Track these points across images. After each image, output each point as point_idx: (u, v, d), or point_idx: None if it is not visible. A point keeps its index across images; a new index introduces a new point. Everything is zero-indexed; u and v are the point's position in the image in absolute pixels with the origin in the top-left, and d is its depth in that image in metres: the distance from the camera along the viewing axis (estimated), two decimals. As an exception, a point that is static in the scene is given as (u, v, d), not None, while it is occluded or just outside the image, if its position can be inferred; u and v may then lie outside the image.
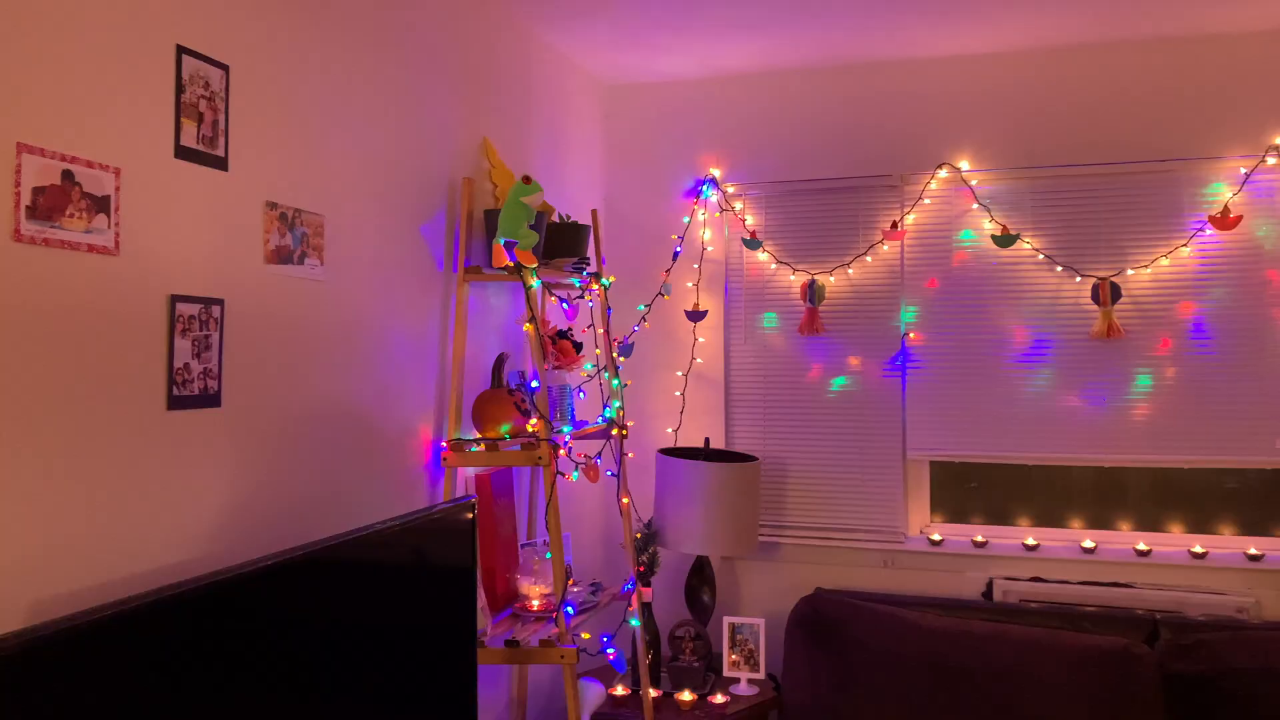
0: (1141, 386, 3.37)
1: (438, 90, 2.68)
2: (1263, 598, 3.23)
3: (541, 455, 2.51)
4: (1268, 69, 3.28)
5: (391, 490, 2.44)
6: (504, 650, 2.43)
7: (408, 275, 2.53)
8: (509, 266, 2.58)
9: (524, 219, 2.59)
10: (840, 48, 3.48)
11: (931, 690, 2.99)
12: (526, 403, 2.61)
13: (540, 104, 3.34)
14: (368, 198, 2.36)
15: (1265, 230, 3.28)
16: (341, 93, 2.25)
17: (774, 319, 3.75)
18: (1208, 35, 3.32)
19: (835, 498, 3.65)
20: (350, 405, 2.28)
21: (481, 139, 2.92)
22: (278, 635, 1.62)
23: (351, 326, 2.29)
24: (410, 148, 2.55)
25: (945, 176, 3.57)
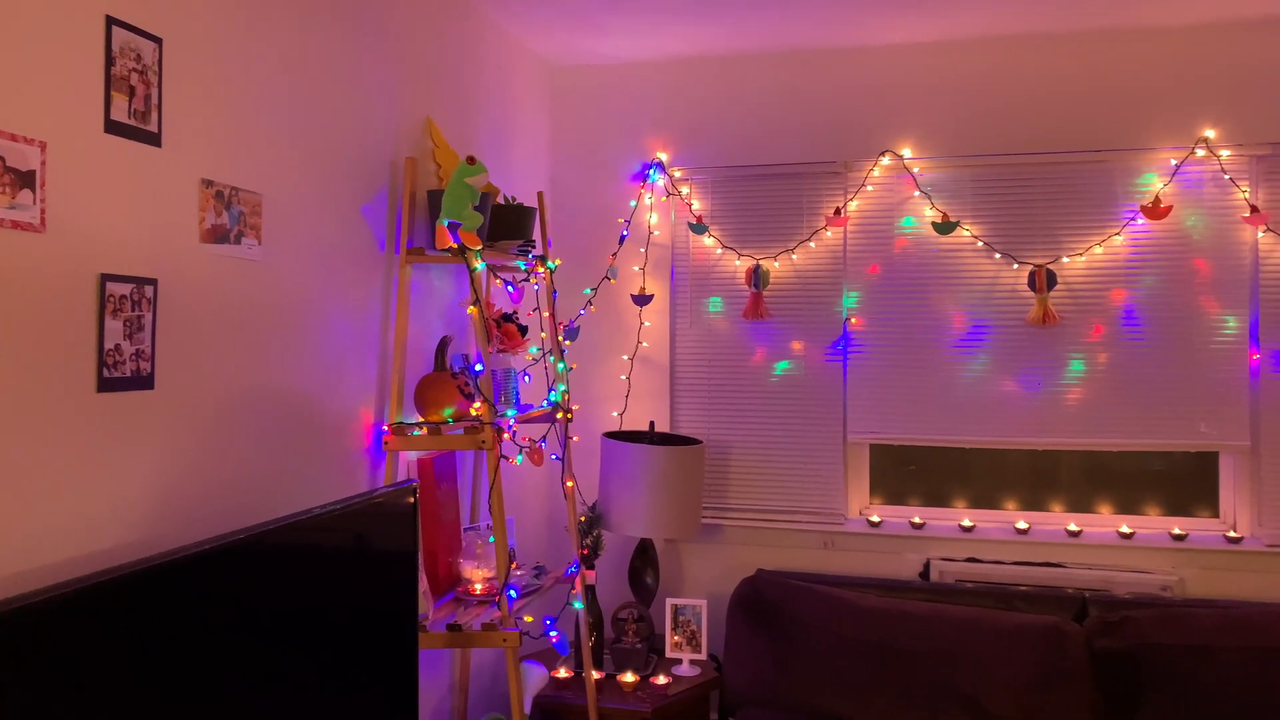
0: (1075, 372, 3.46)
1: (380, 68, 2.64)
2: (1186, 576, 3.35)
3: (485, 439, 2.50)
4: (1197, 63, 3.37)
5: (332, 474, 2.41)
6: (446, 634, 2.42)
7: (349, 256, 2.50)
8: (453, 248, 2.55)
9: (468, 200, 2.56)
10: (787, 34, 3.50)
11: (869, 669, 3.05)
12: (470, 386, 2.60)
13: (486, 84, 3.30)
14: (307, 176, 2.32)
15: (1194, 220, 3.38)
16: (280, 68, 2.21)
17: (719, 303, 3.77)
18: (1141, 29, 3.40)
19: (777, 480, 3.69)
20: (289, 388, 2.24)
21: (425, 118, 2.88)
22: (214, 621, 1.60)
23: (290, 308, 2.25)
24: (352, 126, 2.50)
25: (888, 164, 3.61)
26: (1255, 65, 3.33)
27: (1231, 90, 3.35)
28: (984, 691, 2.95)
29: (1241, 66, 3.34)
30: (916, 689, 3.00)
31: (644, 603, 3.47)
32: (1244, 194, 3.33)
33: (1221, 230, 3.36)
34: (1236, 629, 2.93)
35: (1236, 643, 2.90)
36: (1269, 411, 3.31)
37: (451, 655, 3.03)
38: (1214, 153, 3.34)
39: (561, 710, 3.06)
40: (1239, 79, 3.34)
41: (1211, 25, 3.35)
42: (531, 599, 2.71)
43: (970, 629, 3.03)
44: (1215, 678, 2.86)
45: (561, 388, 3.07)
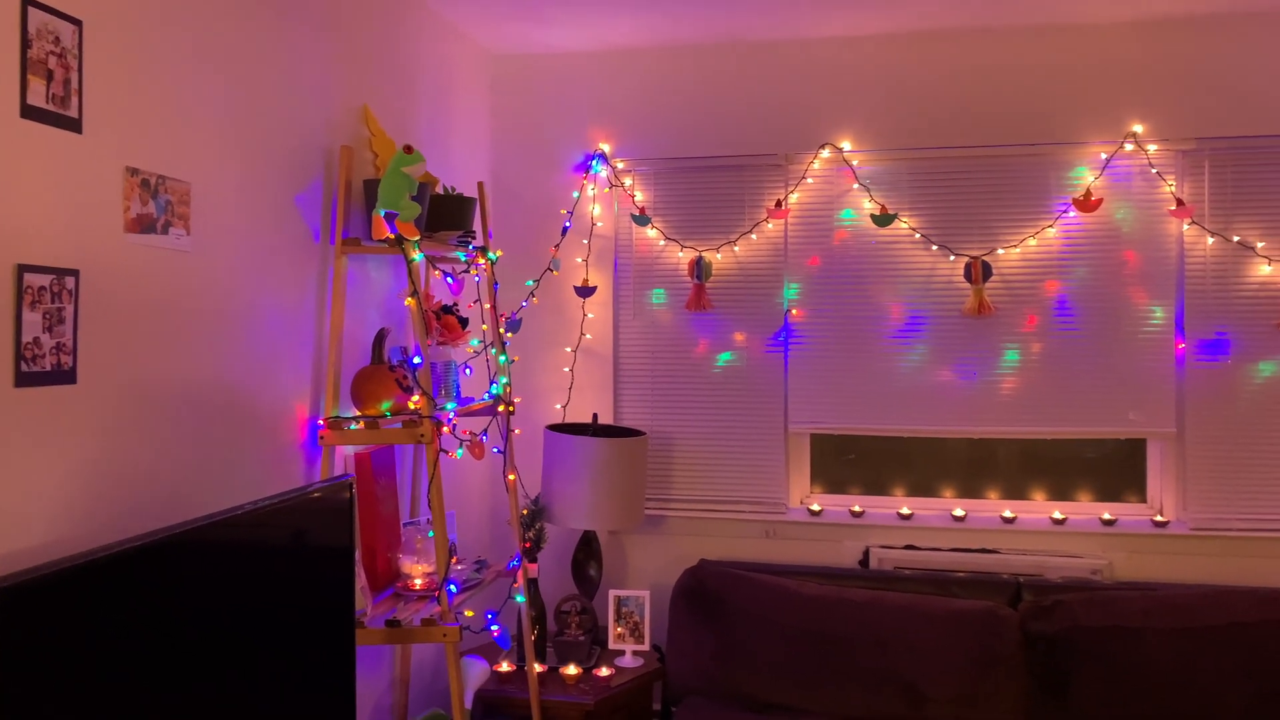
0: (1009, 361, 3.53)
1: (314, 55, 2.58)
2: (1115, 560, 3.44)
3: (424, 433, 2.47)
4: (1126, 60, 3.45)
5: (266, 470, 2.36)
6: (384, 630, 2.39)
7: (282, 246, 2.44)
8: (389, 239, 2.51)
9: (405, 190, 2.52)
10: (728, 25, 3.50)
11: (810, 656, 3.09)
12: (409, 379, 2.56)
13: (424, 72, 3.26)
14: (238, 165, 2.26)
15: (1123, 213, 3.47)
16: (209, 54, 2.15)
17: (662, 295, 3.77)
18: (1074, 25, 3.47)
19: (720, 471, 3.71)
20: (220, 382, 2.19)
21: (361, 106, 2.83)
22: (140, 621, 1.55)
23: (221, 300, 2.20)
24: (285, 114, 2.45)
25: (828, 156, 3.64)
26: (1181, 62, 3.42)
27: (1158, 86, 3.44)
28: (921, 676, 3.00)
29: (1168, 63, 3.43)
30: (856, 675, 3.04)
31: (587, 595, 3.47)
32: (1170, 188, 3.42)
33: (1149, 223, 3.45)
34: (1163, 611, 3.02)
35: (1163, 624, 2.99)
36: (1193, 399, 3.41)
37: (392, 651, 2.99)
38: (1142, 147, 3.43)
39: (504, 704, 3.04)
40: (1165, 75, 3.43)
41: (1140, 22, 3.43)
42: (473, 593, 2.69)
43: (908, 615, 3.08)
44: (1143, 658, 2.95)
45: (503, 380, 3.05)
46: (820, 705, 3.05)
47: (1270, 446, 3.36)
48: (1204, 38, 3.40)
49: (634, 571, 3.74)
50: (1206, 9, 3.32)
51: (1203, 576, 3.35)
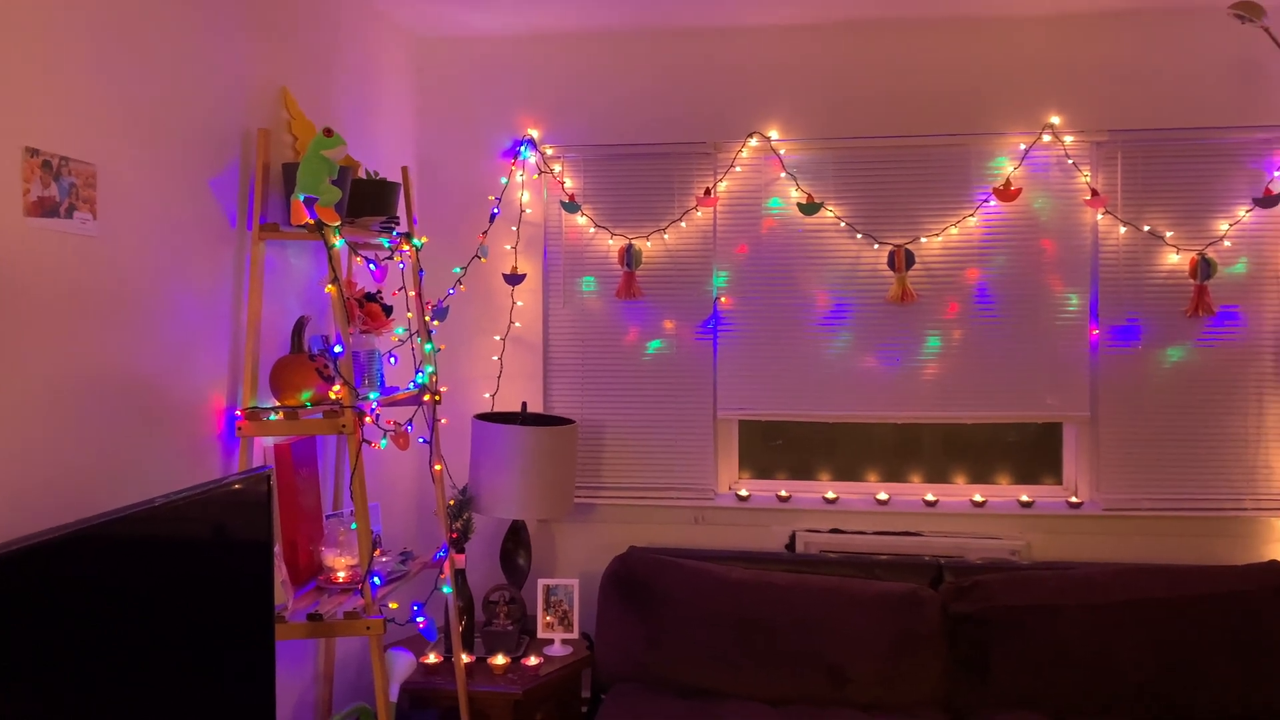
0: (931, 348, 3.60)
1: (230, 34, 2.50)
2: (1033, 540, 3.54)
3: (345, 423, 2.42)
4: (1045, 53, 3.54)
5: (181, 463, 2.30)
6: (306, 625, 2.35)
7: (195, 232, 2.37)
8: (309, 224, 2.45)
9: (325, 174, 2.46)
10: (657, 11, 3.49)
11: (736, 640, 3.12)
12: (330, 368, 2.51)
13: (346, 55, 3.18)
14: (149, 147, 2.18)
15: (1041, 202, 3.55)
16: (116, 31, 2.06)
17: (592, 283, 3.76)
18: (995, 18, 3.54)
19: (650, 458, 3.72)
20: (131, 372, 2.12)
21: (280, 88, 2.76)
22: (47, 619, 1.50)
23: (131, 287, 2.12)
24: (198, 95, 2.37)
25: (755, 145, 3.66)
26: (1095, 56, 3.51)
27: (1074, 79, 3.53)
28: (845, 658, 3.06)
29: (1083, 57, 3.52)
30: (781, 658, 3.08)
31: (516, 584, 3.45)
32: (1085, 178, 3.51)
33: (1065, 212, 3.55)
34: (1077, 588, 3.12)
35: (1077, 601, 3.09)
36: (1106, 384, 3.52)
37: (315, 646, 2.94)
38: (1059, 138, 3.52)
39: (431, 696, 3.02)
40: (1081, 69, 3.52)
41: (1057, 17, 3.51)
42: (397, 585, 2.66)
43: (832, 598, 3.13)
44: (1059, 634, 3.04)
45: (429, 369, 3.01)
46: (746, 688, 3.09)
47: (1177, 429, 3.49)
48: (1117, 33, 3.50)
49: (563, 560, 3.74)
50: (1120, 5, 3.42)
51: (1114, 555, 3.47)
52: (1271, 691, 2.97)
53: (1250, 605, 3.05)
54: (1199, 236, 3.48)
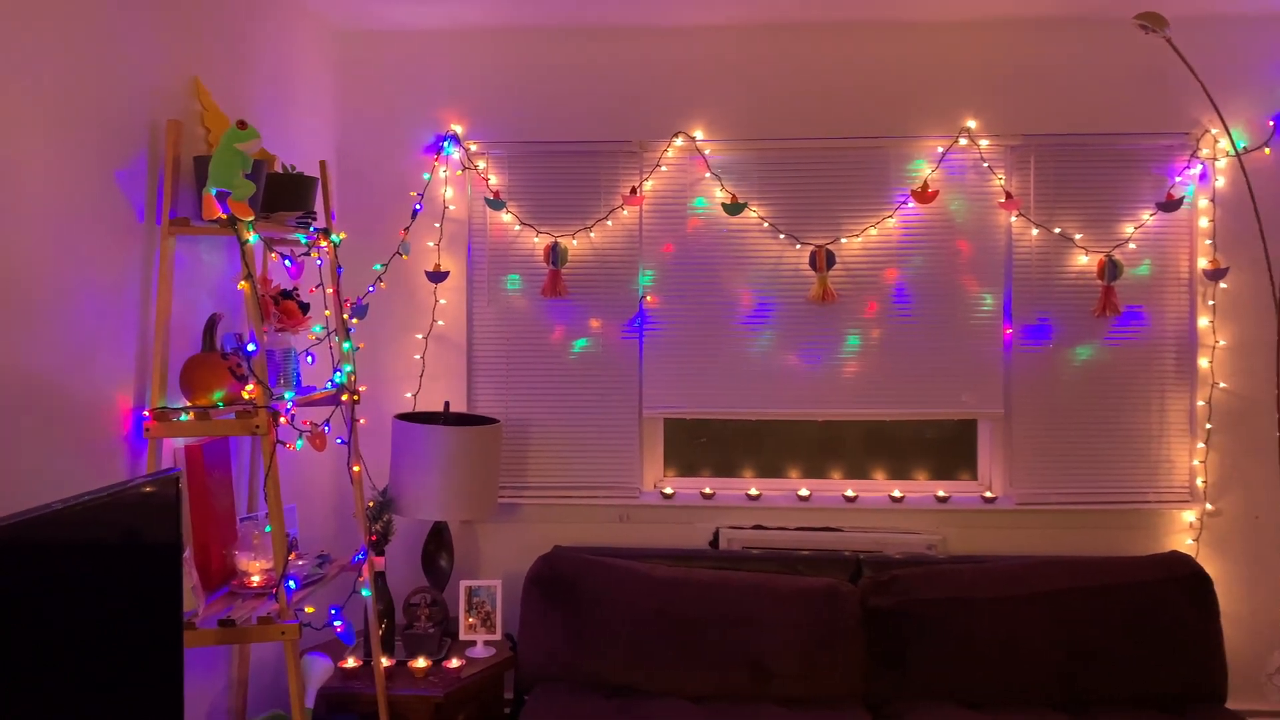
0: (851, 346, 3.66)
1: (137, 20, 2.42)
2: (948, 535, 3.63)
3: (259, 424, 2.36)
4: (962, 58, 3.62)
5: (83, 465, 2.21)
6: (217, 631, 2.28)
7: (100, 226, 2.28)
8: (221, 219, 2.39)
9: (238, 167, 2.40)
10: (584, 8, 3.48)
11: (659, 637, 3.13)
12: (243, 367, 2.44)
13: (263, 46, 3.10)
14: (47, 137, 2.09)
15: (957, 205, 3.64)
16: (10, 11, 1.97)
17: (517, 281, 3.73)
18: (914, 23, 3.61)
19: (575, 457, 3.71)
20: (26, 372, 2.03)
21: (192, 79, 2.67)
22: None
23: (26, 282, 2.03)
24: (103, 83, 2.28)
25: (681, 145, 3.67)
26: (1010, 62, 3.61)
27: (990, 84, 3.62)
28: (767, 652, 3.09)
29: (999, 63, 3.61)
30: (704, 654, 3.11)
31: (438, 586, 3.41)
32: (1000, 181, 3.61)
33: (980, 214, 3.64)
34: (991, 581, 3.21)
35: (991, 593, 3.17)
36: (1019, 382, 3.63)
37: (229, 652, 2.86)
38: (975, 142, 3.60)
39: (349, 700, 2.96)
40: (997, 74, 3.61)
41: (974, 23, 3.60)
42: (314, 589, 2.60)
43: (754, 594, 3.16)
44: (974, 626, 3.12)
45: (347, 368, 2.95)
46: (670, 685, 3.10)
47: (1086, 426, 3.61)
48: (1032, 39, 3.60)
49: (487, 561, 3.71)
50: (1034, 12, 3.51)
51: (1026, 548, 3.58)
52: (1171, 674, 3.10)
53: (1152, 594, 3.17)
54: (1106, 239, 3.60)
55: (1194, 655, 3.12)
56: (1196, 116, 3.55)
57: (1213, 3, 3.42)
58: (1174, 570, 3.23)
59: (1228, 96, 3.48)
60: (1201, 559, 3.49)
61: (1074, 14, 3.53)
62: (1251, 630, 3.52)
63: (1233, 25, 3.53)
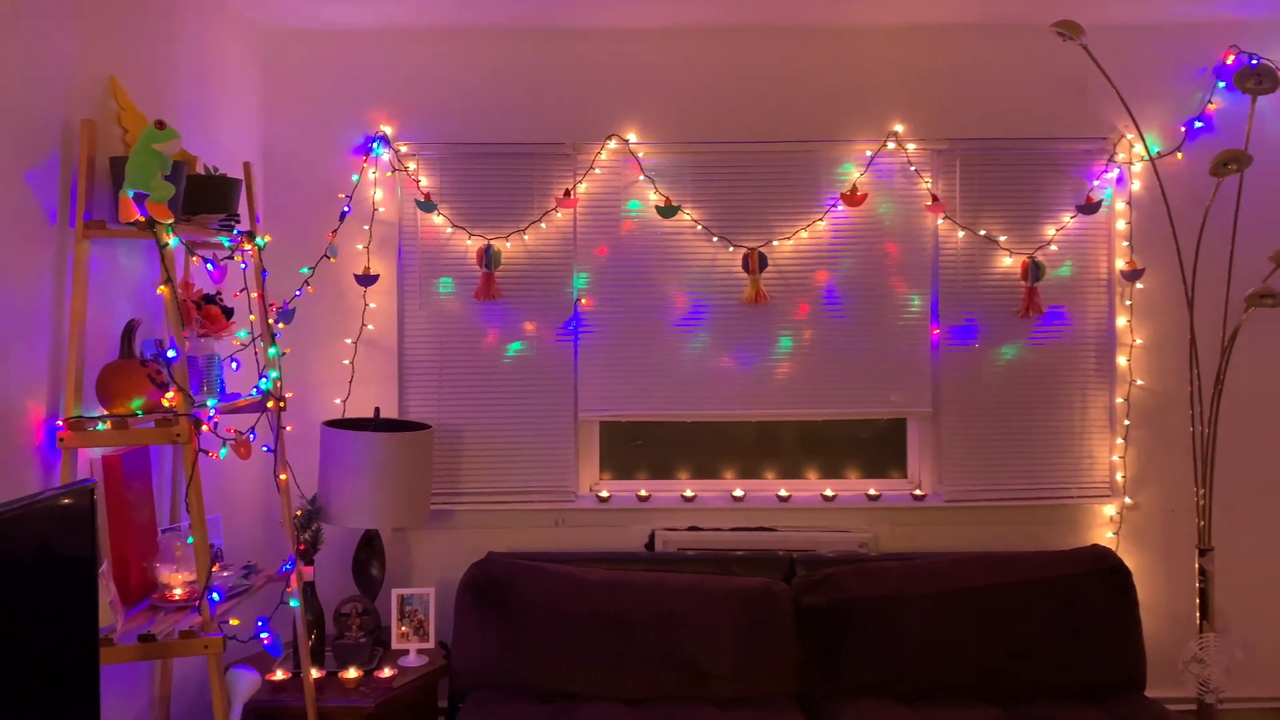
0: (783, 348, 3.70)
1: (49, 15, 2.33)
2: (880, 533, 3.69)
3: (180, 432, 2.30)
4: (889, 62, 3.68)
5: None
6: (136, 647, 2.21)
7: (8, 228, 2.20)
8: (139, 222, 2.32)
9: (157, 168, 2.33)
10: (515, 10, 3.46)
11: (594, 641, 3.12)
12: (163, 374, 2.37)
13: (185, 43, 3.02)
14: (-53, 137, 2.01)
15: (885, 208, 3.70)
16: (-96, 10, 1.89)
17: (450, 284, 3.69)
18: (843, 28, 3.66)
19: (509, 462, 3.69)
20: (-72, 381, 1.95)
21: (108, 77, 2.59)
22: None
23: (-73, 289, 1.95)
24: (12, 81, 2.20)
25: (614, 148, 3.67)
26: (936, 67, 3.68)
27: (917, 89, 3.69)
28: (702, 654, 3.10)
29: (925, 68, 3.68)
30: (639, 657, 3.11)
31: (369, 595, 3.36)
32: (927, 184, 3.68)
33: (908, 217, 3.70)
34: (921, 578, 3.27)
35: (921, 590, 3.23)
36: (947, 381, 3.70)
37: (151, 669, 2.77)
38: (902, 146, 3.67)
39: (277, 713, 2.90)
40: (923, 79, 3.68)
41: (901, 28, 3.66)
42: (240, 600, 2.54)
43: (689, 595, 3.18)
44: (904, 622, 3.18)
45: (274, 374, 2.89)
46: (606, 689, 3.10)
47: (1011, 424, 3.70)
48: (958, 45, 3.68)
49: (420, 569, 3.66)
50: (959, 19, 3.59)
51: (955, 544, 3.65)
52: (1093, 665, 3.19)
53: (1076, 587, 3.26)
54: (1029, 241, 3.69)
55: (1115, 646, 3.22)
56: (1113, 122, 3.66)
57: (1128, 12, 3.53)
58: (1095, 563, 3.33)
59: (1142, 103, 3.60)
60: (1121, 552, 3.60)
61: (998, 21, 3.61)
62: (1168, 620, 3.64)
63: (1147, 34, 3.65)
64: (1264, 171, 3.58)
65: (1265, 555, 3.70)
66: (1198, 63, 3.67)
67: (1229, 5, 3.49)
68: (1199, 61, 3.67)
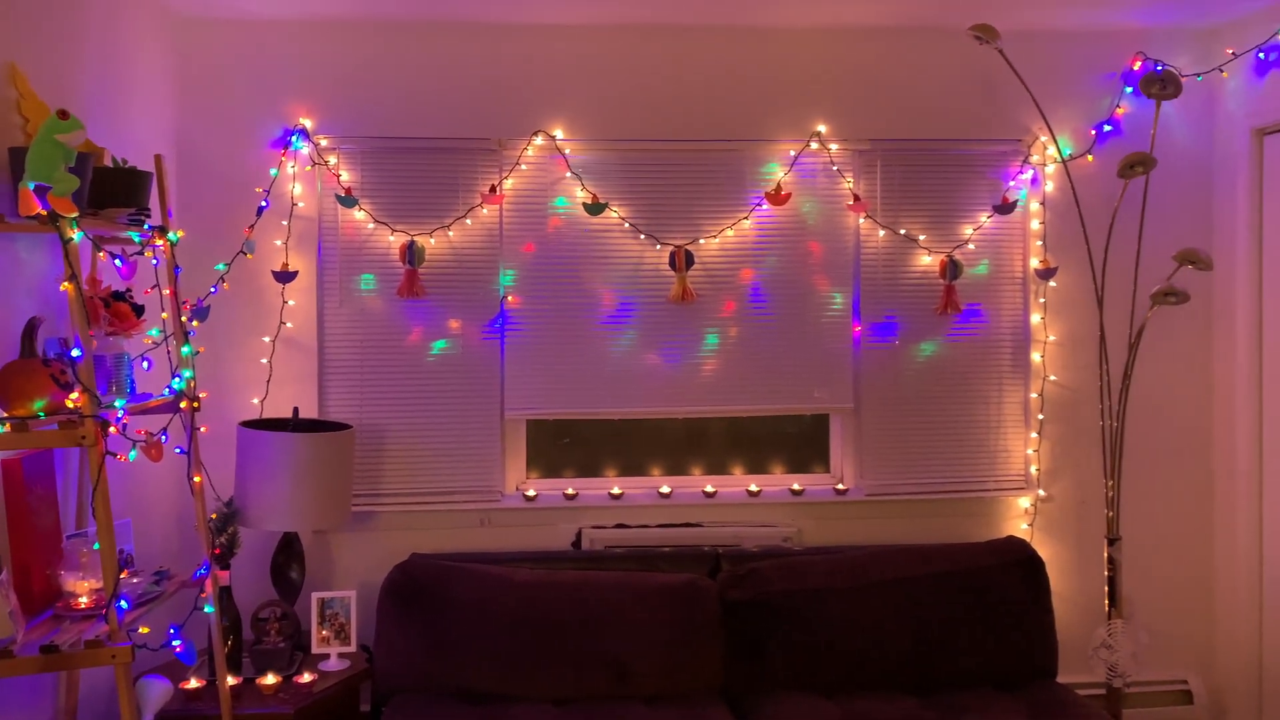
0: (710, 345, 3.72)
1: (-66, 0, 2.23)
2: (804, 527, 3.74)
3: (85, 434, 2.21)
4: (813, 64, 3.73)
5: (-122, 484, 2.02)
6: (39, 658, 2.12)
7: (-105, 223, 2.09)
8: (41, 215, 2.22)
9: (60, 160, 2.23)
10: (439, 3, 3.41)
11: (520, 642, 3.10)
12: (67, 374, 2.28)
13: (92, 30, 2.91)
14: None
15: (809, 207, 3.75)
16: None
17: (372, 281, 3.63)
18: (768, 29, 3.70)
19: (434, 461, 3.64)
20: None
21: (7, 64, 2.48)
22: None
23: None
24: (-106, 67, 2.09)
25: (541, 144, 3.65)
26: (858, 69, 3.74)
27: (839, 90, 3.74)
28: (628, 652, 3.11)
29: (848, 69, 3.74)
30: (566, 656, 3.10)
31: (289, 599, 3.28)
32: (849, 184, 3.73)
33: (831, 216, 3.76)
34: (844, 571, 3.32)
35: (844, 583, 3.28)
36: (868, 377, 3.77)
37: (55, 680, 2.67)
38: (825, 146, 3.72)
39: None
40: (845, 80, 3.74)
41: (824, 30, 3.71)
42: (150, 608, 2.46)
43: (616, 593, 3.18)
44: (828, 615, 3.23)
45: (187, 373, 2.80)
46: (532, 690, 3.08)
47: (930, 418, 3.78)
48: (879, 48, 3.74)
49: (342, 571, 3.59)
50: (879, 21, 3.65)
51: (877, 537, 3.72)
52: (1009, 653, 3.28)
53: (993, 577, 3.35)
54: (948, 240, 3.78)
55: (1029, 634, 3.31)
56: (1028, 125, 3.76)
57: (1042, 18, 3.63)
58: (1010, 554, 3.42)
59: (1055, 106, 3.71)
60: (1035, 543, 3.71)
61: (918, 24, 3.68)
62: (1079, 608, 3.77)
63: (1060, 40, 3.76)
64: (1168, 174, 3.73)
65: (1169, 544, 3.85)
66: (1107, 68, 3.80)
67: (1136, 14, 3.62)
68: (1108, 67, 3.80)
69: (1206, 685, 3.83)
